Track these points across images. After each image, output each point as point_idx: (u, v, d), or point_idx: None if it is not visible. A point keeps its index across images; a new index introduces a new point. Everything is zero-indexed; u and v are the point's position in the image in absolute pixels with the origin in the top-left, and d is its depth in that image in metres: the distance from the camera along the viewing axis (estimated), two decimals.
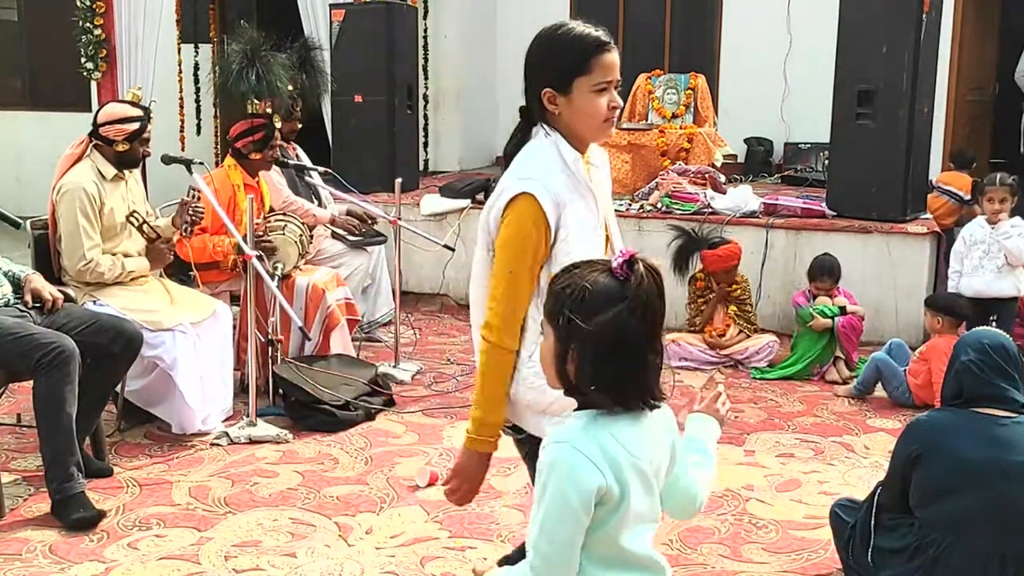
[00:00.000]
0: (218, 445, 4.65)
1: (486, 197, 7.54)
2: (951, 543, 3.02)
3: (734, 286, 6.27)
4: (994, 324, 4.74)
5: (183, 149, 9.98)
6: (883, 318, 6.48)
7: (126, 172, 4.75)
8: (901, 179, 6.57)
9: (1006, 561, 2.98)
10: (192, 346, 4.67)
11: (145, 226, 4.71)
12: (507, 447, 4.70)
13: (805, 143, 9.65)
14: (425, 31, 10.04)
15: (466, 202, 7.58)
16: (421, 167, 9.55)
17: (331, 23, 8.22)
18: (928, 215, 7.06)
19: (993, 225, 5.68)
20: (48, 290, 4.19)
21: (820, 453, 4.70)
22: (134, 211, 4.70)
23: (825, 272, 6.03)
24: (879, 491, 3.30)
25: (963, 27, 9.39)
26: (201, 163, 4.95)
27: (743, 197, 7.07)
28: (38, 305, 4.16)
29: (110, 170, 4.65)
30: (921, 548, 3.07)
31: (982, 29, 9.83)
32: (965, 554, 3.00)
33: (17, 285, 4.23)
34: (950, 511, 3.02)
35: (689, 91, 8.29)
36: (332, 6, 8.37)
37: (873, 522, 3.27)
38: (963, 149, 8.80)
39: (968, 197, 7.90)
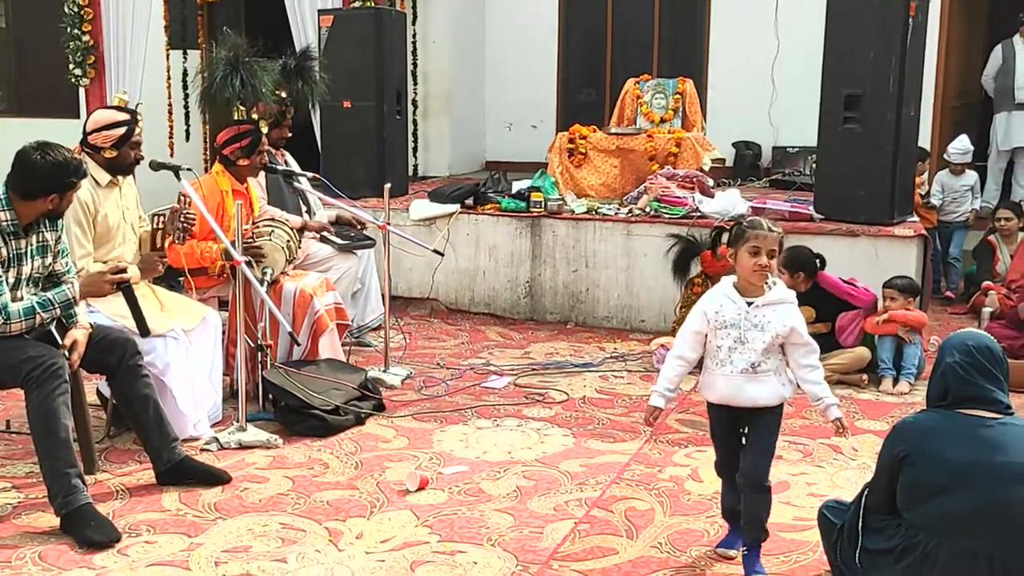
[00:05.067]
0: (208, 450, 4.65)
1: (476, 202, 7.61)
2: (938, 544, 3.03)
3: None
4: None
5: (172, 155, 10.00)
6: None
7: (120, 178, 4.76)
8: (888, 182, 6.61)
9: (993, 562, 2.99)
10: (183, 351, 4.67)
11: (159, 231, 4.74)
12: (496, 451, 4.73)
13: (793, 147, 9.71)
14: (414, 36, 10.05)
15: (455, 207, 7.60)
16: (410, 172, 9.57)
17: (319, 29, 8.23)
18: (915, 218, 7.11)
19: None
20: (77, 352, 4.09)
21: (809, 455, 4.72)
22: (155, 213, 4.74)
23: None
24: (866, 492, 3.31)
25: (950, 33, 9.46)
26: (189, 169, 4.96)
27: (731, 201, 7.10)
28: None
29: (104, 176, 4.66)
30: (908, 549, 3.09)
31: (969, 35, 9.90)
32: (952, 555, 3.01)
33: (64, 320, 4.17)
34: (937, 512, 3.03)
35: (677, 96, 8.32)
36: (321, 12, 8.39)
37: (861, 523, 3.28)
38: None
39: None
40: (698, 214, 7.02)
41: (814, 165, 7.86)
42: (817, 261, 5.94)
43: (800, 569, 3.59)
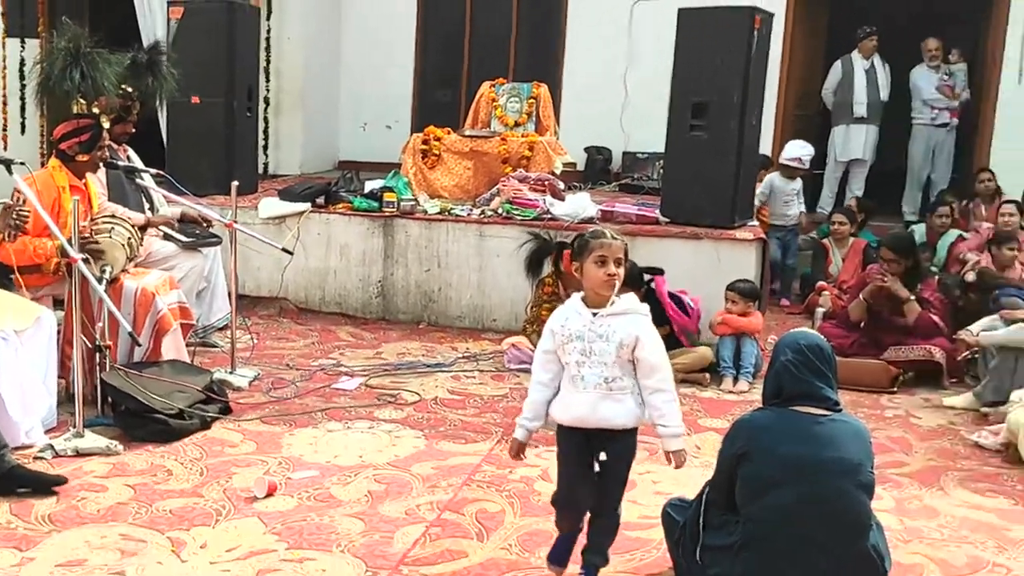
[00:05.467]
0: (42, 459, 4.44)
1: (327, 201, 7.51)
2: (773, 536, 3.15)
3: None
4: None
5: (6, 148, 9.52)
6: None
7: None
8: (731, 188, 6.84)
9: (826, 553, 3.13)
10: (14, 353, 4.45)
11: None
12: (347, 454, 4.67)
13: (643, 152, 9.94)
14: (268, 32, 9.85)
15: (306, 205, 7.48)
16: (261, 170, 9.37)
17: (168, 21, 7.96)
18: (755, 222, 7.38)
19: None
20: None
21: (654, 454, 4.78)
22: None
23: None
24: (707, 490, 3.43)
25: (792, 46, 9.88)
26: (23, 163, 4.72)
27: (581, 204, 7.22)
28: None
29: None
30: (746, 544, 3.20)
31: (810, 49, 10.35)
32: (786, 547, 3.14)
33: None
34: (773, 507, 3.16)
35: (532, 100, 8.41)
36: (170, 3, 8.09)
37: (702, 520, 3.39)
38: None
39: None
40: (549, 216, 7.12)
41: (662, 170, 8.07)
42: (644, 276, 6.08)
43: (644, 567, 3.68)
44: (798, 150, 8.38)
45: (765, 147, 9.05)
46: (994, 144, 9.63)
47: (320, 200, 7.55)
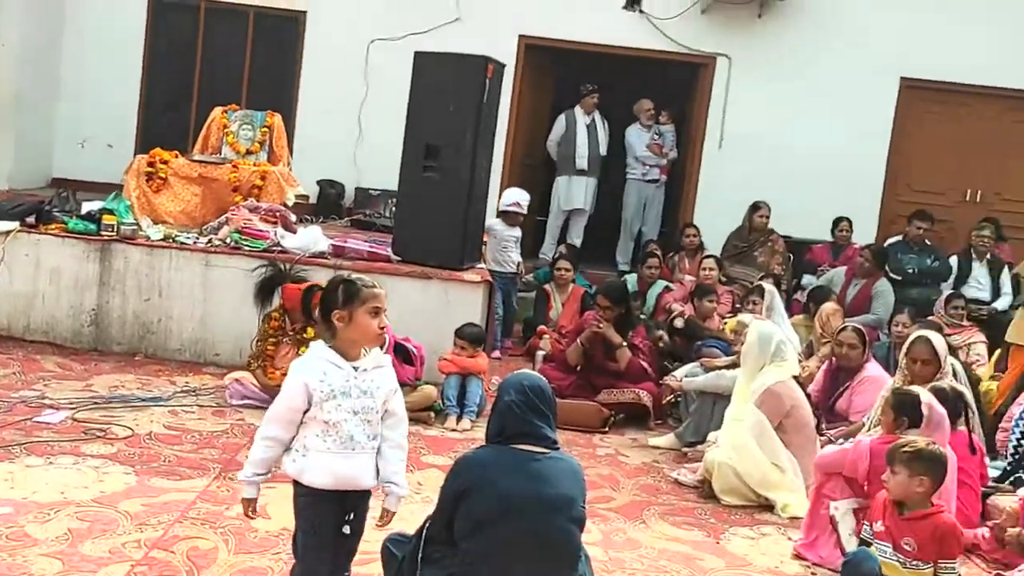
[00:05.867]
0: None
1: (38, 220, 7.02)
2: (490, 572, 3.25)
3: (310, 329, 6.30)
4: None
5: None
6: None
7: None
8: (460, 231, 7.02)
9: None
10: None
11: None
12: (47, 491, 4.37)
13: (375, 189, 10.01)
14: None
15: (14, 224, 6.96)
16: None
17: None
18: (482, 264, 7.59)
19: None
20: None
21: (376, 490, 4.83)
22: None
23: None
24: (428, 524, 3.48)
25: (521, 96, 10.31)
26: None
27: (312, 237, 7.17)
28: None
29: None
30: None
31: (537, 101, 10.82)
32: None
33: None
34: (490, 541, 3.25)
35: (265, 128, 8.27)
36: None
37: (421, 555, 3.43)
38: None
39: None
40: (279, 248, 7.00)
41: (394, 208, 8.14)
42: None
43: None
44: (516, 196, 8.55)
45: (492, 193, 9.35)
46: (698, 202, 10.45)
47: (30, 219, 7.05)
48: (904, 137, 10.32)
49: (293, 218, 7.55)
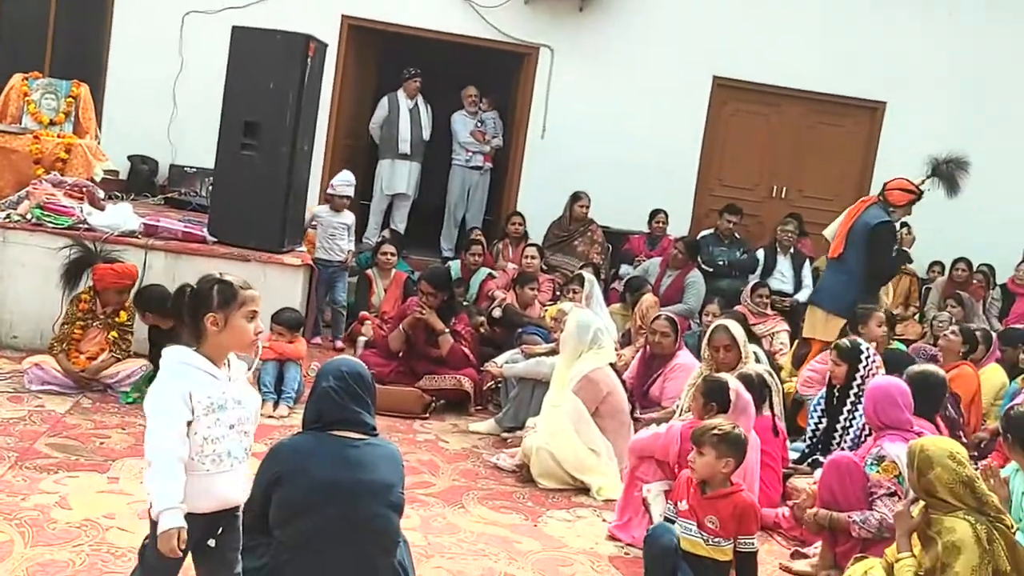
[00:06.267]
0: None
1: None
2: (305, 560, 3.19)
3: (123, 313, 6.02)
4: None
5: None
6: None
7: None
8: (280, 212, 6.85)
9: (355, 571, 3.22)
10: None
11: None
12: None
13: (191, 167, 9.64)
14: None
15: None
16: None
17: None
18: (303, 248, 7.43)
19: None
20: None
21: None
22: None
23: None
24: (241, 514, 3.37)
25: (344, 77, 10.13)
26: None
27: (122, 215, 6.83)
28: None
29: None
30: (277, 567, 3.21)
31: (361, 82, 10.67)
32: (318, 569, 3.19)
33: None
34: (305, 529, 3.19)
35: (70, 99, 7.85)
36: None
37: None
38: None
39: None
40: (86, 226, 6.63)
41: (211, 187, 7.87)
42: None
43: None
44: (341, 179, 8.29)
45: (316, 174, 9.17)
46: (521, 191, 10.57)
47: None
48: (716, 134, 10.74)
49: (101, 194, 7.17)
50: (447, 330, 6.67)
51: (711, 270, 9.29)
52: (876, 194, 7.35)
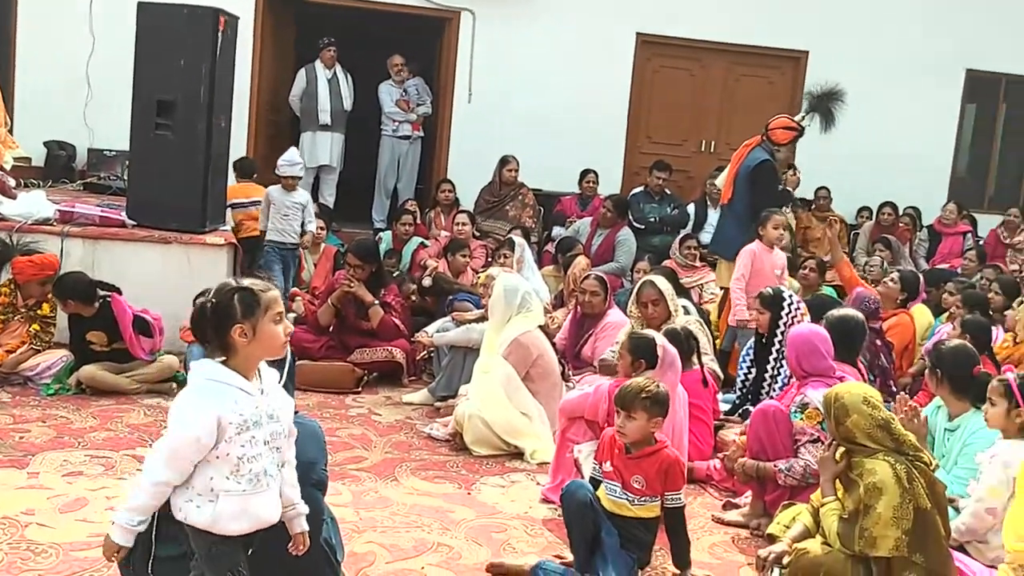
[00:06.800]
0: None
1: None
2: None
3: (45, 305, 5.88)
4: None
5: None
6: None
7: None
8: (200, 191, 6.72)
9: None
10: None
11: None
12: None
13: (111, 150, 9.41)
14: None
15: None
16: None
17: None
18: (227, 226, 7.30)
19: None
20: None
21: (111, 468, 4.59)
22: None
23: None
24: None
25: (262, 51, 9.95)
26: None
27: (35, 203, 6.67)
28: None
29: None
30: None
31: (280, 55, 10.48)
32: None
33: None
34: None
35: None
36: None
37: (155, 533, 3.26)
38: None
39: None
40: None
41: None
42: (98, 291, 5.79)
43: None
44: (287, 157, 8.03)
45: (239, 151, 9.02)
46: (451, 158, 10.49)
47: None
48: (642, 91, 10.74)
49: (12, 183, 6.99)
50: (376, 302, 6.60)
51: (642, 227, 9.32)
52: (759, 135, 7.45)
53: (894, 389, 6.06)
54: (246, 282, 2.78)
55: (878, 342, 6.16)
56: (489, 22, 10.25)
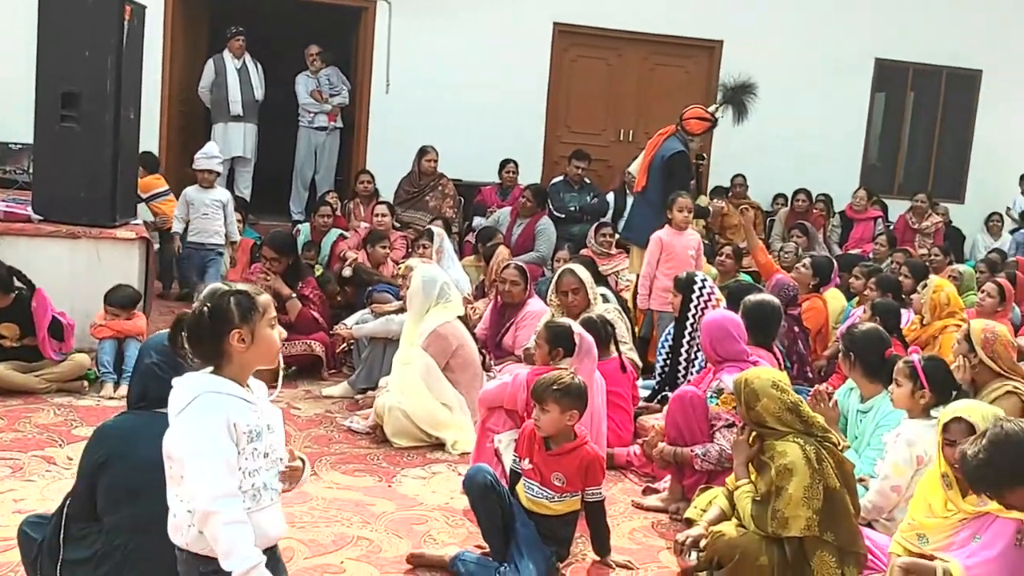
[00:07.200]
0: None
1: None
2: (136, 545, 3.06)
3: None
4: None
5: None
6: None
7: None
8: (109, 184, 6.56)
9: None
10: None
11: None
12: None
13: (16, 143, 9.09)
14: None
15: None
16: None
17: None
18: (138, 220, 7.14)
19: None
20: None
21: (19, 470, 4.47)
22: None
23: None
24: (68, 502, 3.23)
25: (173, 41, 9.73)
26: None
27: None
28: None
29: None
30: (108, 554, 3.08)
31: (191, 45, 10.27)
32: (149, 554, 3.06)
33: None
34: (134, 513, 3.06)
35: None
36: None
37: (62, 535, 3.19)
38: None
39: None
40: None
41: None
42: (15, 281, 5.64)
43: None
44: (204, 151, 7.96)
45: (151, 143, 8.83)
46: (369, 148, 10.40)
47: None
48: (560, 80, 10.78)
49: None
50: (294, 295, 6.52)
51: (562, 216, 9.36)
52: (673, 124, 7.59)
53: (810, 375, 6.20)
54: (238, 285, 2.67)
55: (796, 328, 6.29)
56: (405, 12, 10.18)
